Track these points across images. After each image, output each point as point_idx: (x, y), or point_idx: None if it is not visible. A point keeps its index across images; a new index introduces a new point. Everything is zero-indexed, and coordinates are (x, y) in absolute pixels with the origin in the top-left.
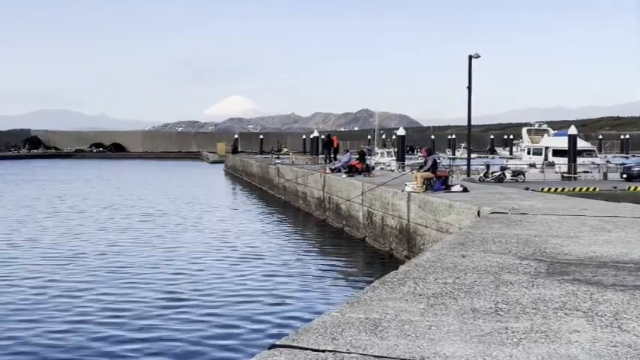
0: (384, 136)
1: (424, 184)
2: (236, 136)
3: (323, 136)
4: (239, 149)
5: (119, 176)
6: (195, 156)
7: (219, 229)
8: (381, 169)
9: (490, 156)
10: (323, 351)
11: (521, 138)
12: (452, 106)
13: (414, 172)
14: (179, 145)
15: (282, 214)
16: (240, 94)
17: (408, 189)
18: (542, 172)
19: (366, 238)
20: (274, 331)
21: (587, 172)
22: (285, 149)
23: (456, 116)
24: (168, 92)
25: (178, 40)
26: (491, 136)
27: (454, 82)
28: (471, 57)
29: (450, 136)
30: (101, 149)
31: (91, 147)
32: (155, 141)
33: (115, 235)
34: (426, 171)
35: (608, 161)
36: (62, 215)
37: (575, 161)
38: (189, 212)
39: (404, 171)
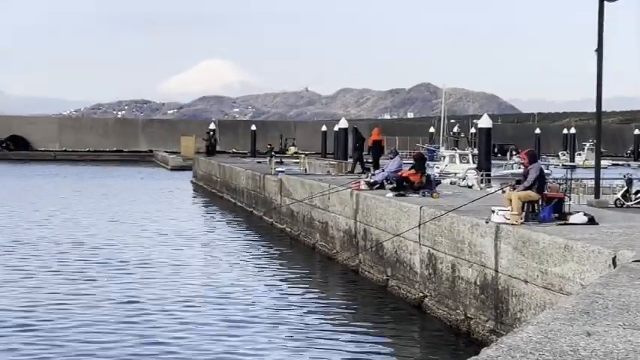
0: (456, 129)
1: (523, 209)
2: (212, 125)
3: (355, 128)
4: (217, 147)
5: (11, 196)
6: (144, 158)
7: (185, 292)
8: (452, 183)
9: (635, 163)
10: None
11: None
12: (568, 83)
13: (507, 189)
14: (119, 139)
15: (287, 257)
16: (219, 58)
17: (496, 218)
18: None
19: (426, 299)
20: None
21: None
22: (292, 148)
23: (574, 98)
24: (100, 54)
25: None
26: (637, 131)
27: (573, 46)
28: (602, 0)
29: (565, 130)
30: None
31: None
32: (80, 133)
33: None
34: (526, 188)
35: None
36: None
37: None
38: (133, 273)
39: (489, 187)
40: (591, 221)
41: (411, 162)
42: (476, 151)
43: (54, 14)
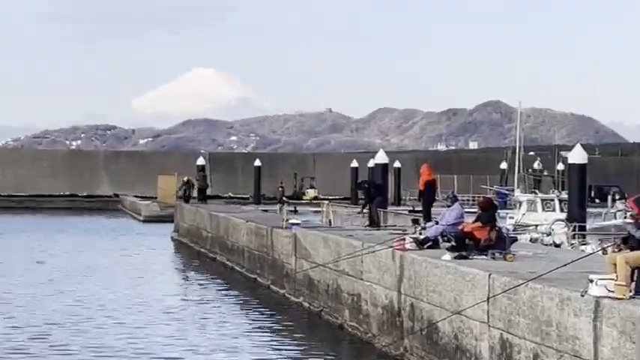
0: (536, 165)
1: (633, 278)
2: (201, 160)
3: (397, 164)
4: (208, 191)
5: None
6: (108, 205)
7: None
8: (532, 240)
9: None
10: None
11: None
12: None
13: (610, 250)
14: (73, 179)
15: (305, 342)
16: (211, 67)
17: (595, 291)
18: None
19: None
20: None
21: None
22: (311, 192)
23: None
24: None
25: None
26: None
27: None
28: None
29: None
30: None
31: None
32: (19, 170)
33: None
34: (636, 249)
35: None
36: None
37: None
38: None
39: (585, 246)
40: None
41: (476, 211)
42: (565, 194)
43: None
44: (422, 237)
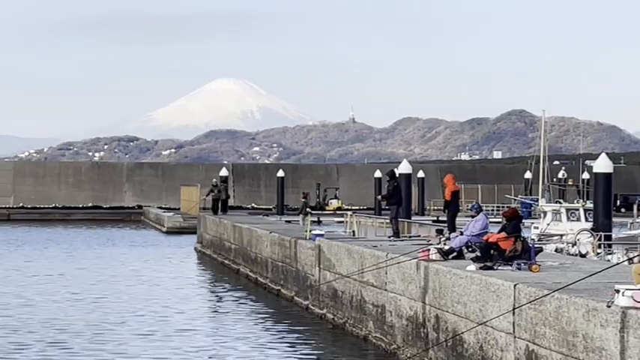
0: (561, 174)
1: None
2: (224, 171)
3: (420, 174)
4: (229, 201)
5: None
6: (131, 217)
7: None
8: (557, 250)
9: None
10: None
11: None
12: None
13: (637, 259)
14: (96, 191)
15: (329, 353)
16: (233, 77)
17: (621, 301)
18: None
19: None
20: None
21: None
22: (334, 202)
23: None
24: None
25: None
26: None
27: None
28: None
29: None
30: None
31: None
32: (43, 183)
33: None
34: None
35: None
36: None
37: None
38: None
39: (611, 256)
40: None
41: (500, 221)
42: (590, 204)
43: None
44: (446, 247)
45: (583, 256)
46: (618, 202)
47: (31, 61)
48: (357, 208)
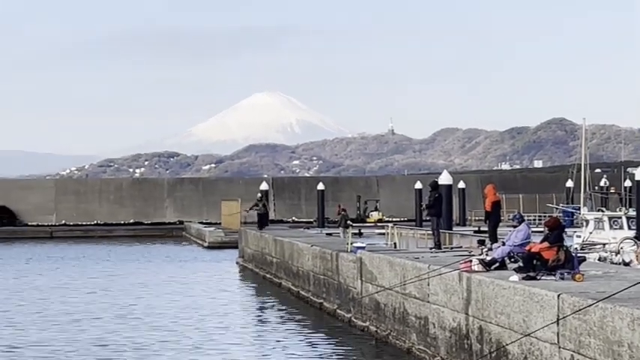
0: (603, 182)
1: None
2: (264, 185)
3: (461, 184)
4: (269, 215)
5: None
6: (172, 232)
7: None
8: (601, 259)
9: None
10: None
11: None
12: None
13: None
14: (137, 207)
15: None
16: (272, 91)
17: None
18: None
19: None
20: None
21: None
22: (375, 214)
23: None
24: (108, 91)
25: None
26: None
27: None
28: None
29: None
30: None
31: None
32: (84, 199)
33: None
34: None
35: None
36: None
37: None
38: None
39: None
40: None
41: (542, 230)
42: (632, 212)
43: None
44: (488, 258)
45: (627, 264)
46: None
47: (70, 78)
48: (398, 219)
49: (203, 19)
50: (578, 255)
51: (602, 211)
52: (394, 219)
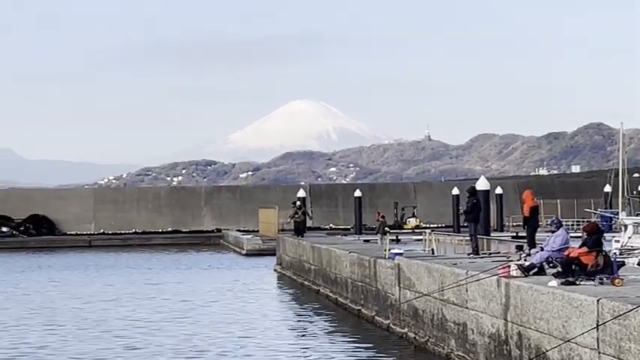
0: None
1: None
2: (302, 192)
3: (498, 190)
4: (307, 222)
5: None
6: (210, 240)
7: None
8: (639, 264)
9: None
10: None
11: None
12: None
13: None
14: (175, 215)
15: None
16: (308, 99)
17: None
18: None
19: None
20: None
21: None
22: (413, 220)
23: None
24: (145, 100)
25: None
26: None
27: None
28: None
29: None
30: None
31: None
32: (123, 208)
33: None
34: None
35: None
36: None
37: None
38: None
39: None
40: None
41: (580, 235)
42: None
43: (76, 51)
44: (527, 264)
45: None
46: None
47: (107, 87)
48: (435, 225)
49: (240, 27)
50: (617, 260)
51: None
52: (431, 225)
